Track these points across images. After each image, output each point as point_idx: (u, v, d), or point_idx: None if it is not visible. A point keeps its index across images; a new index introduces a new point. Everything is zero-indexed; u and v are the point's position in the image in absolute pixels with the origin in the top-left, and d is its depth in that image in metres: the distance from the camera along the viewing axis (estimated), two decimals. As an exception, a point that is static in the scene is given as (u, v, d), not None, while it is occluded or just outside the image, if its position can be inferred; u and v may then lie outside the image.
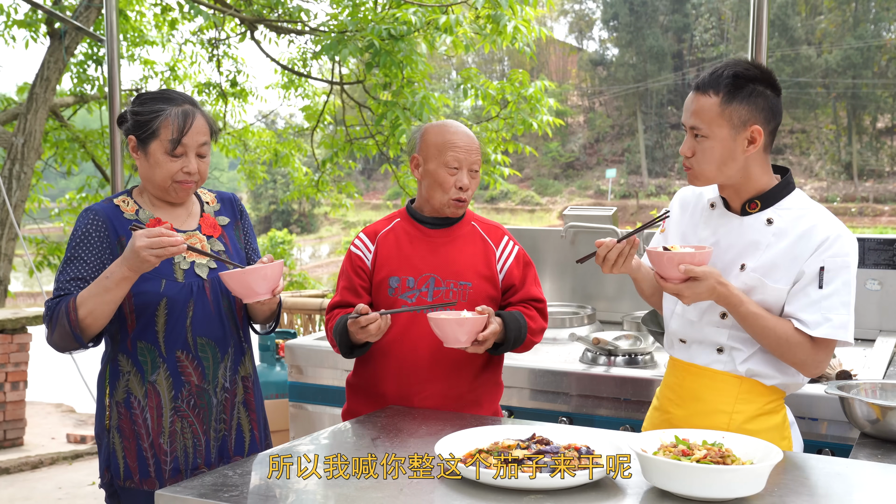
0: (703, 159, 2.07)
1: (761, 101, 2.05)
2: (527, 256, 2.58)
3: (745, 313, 2.04)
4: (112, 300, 2.10)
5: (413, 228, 2.53)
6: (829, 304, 2.02)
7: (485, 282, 2.49)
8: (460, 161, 2.42)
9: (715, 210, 2.20)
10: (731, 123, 2.04)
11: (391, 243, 2.51)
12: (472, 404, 2.49)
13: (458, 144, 2.43)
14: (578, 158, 38.31)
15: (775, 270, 2.06)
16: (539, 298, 2.54)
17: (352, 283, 2.50)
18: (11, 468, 5.55)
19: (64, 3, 8.19)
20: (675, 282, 2.01)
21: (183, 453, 2.25)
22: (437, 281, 2.46)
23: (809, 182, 32.57)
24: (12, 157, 7.51)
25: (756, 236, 2.10)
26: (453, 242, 2.51)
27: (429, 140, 2.47)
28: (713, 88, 2.04)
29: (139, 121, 2.22)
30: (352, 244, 2.56)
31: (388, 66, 6.97)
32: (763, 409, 2.14)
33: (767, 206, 2.11)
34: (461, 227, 2.54)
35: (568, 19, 42.73)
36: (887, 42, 31.81)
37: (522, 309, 2.48)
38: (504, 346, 2.42)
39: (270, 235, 19.68)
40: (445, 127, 2.48)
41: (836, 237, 2.04)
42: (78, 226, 2.24)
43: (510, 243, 2.56)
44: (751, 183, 2.11)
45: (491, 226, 2.59)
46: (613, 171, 33.58)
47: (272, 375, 4.53)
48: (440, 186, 2.44)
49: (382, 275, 2.48)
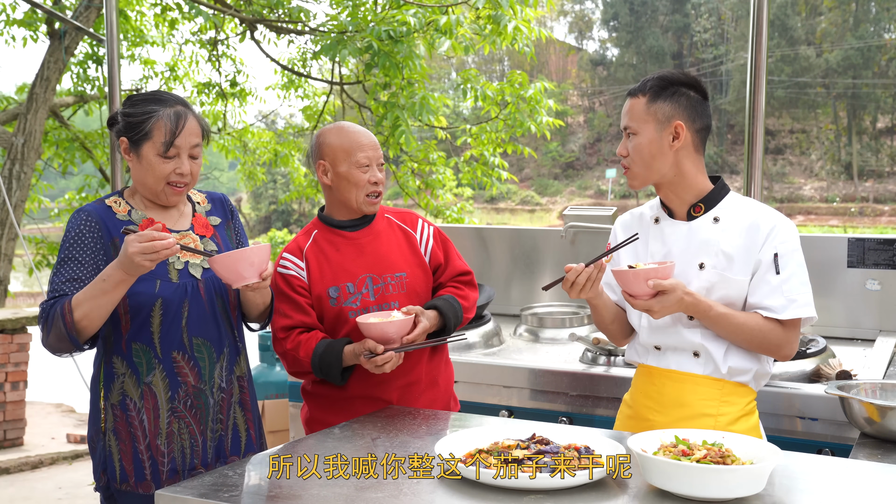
0: (635, 156, 2.24)
1: (684, 100, 2.22)
2: (442, 234, 2.68)
3: (715, 316, 2.15)
4: (109, 302, 2.09)
5: (334, 236, 2.57)
6: (790, 286, 2.16)
7: (416, 268, 2.58)
8: (370, 158, 2.50)
9: (660, 223, 2.32)
10: (655, 119, 2.21)
11: (319, 255, 2.54)
12: (430, 387, 2.59)
13: (364, 143, 2.51)
14: (578, 158, 38.30)
15: (733, 263, 2.18)
16: (465, 271, 2.66)
17: (297, 302, 2.50)
18: (11, 468, 5.55)
19: (64, 3, 8.18)
20: (644, 298, 2.12)
21: (180, 454, 2.24)
22: (374, 279, 2.53)
23: (809, 182, 32.55)
24: (12, 157, 7.51)
25: (707, 236, 2.22)
26: (377, 239, 2.57)
27: (333, 144, 2.52)
28: (640, 91, 2.24)
29: (131, 122, 2.21)
30: (279, 266, 2.53)
31: (388, 67, 6.97)
32: (744, 409, 2.23)
33: (711, 208, 2.24)
34: (378, 223, 2.61)
35: (568, 19, 42.73)
36: (887, 42, 31.80)
37: (453, 289, 2.59)
38: (446, 332, 2.52)
39: (270, 235, 19.70)
40: (344, 129, 2.54)
41: (781, 225, 2.19)
42: (70, 227, 2.23)
43: (425, 225, 2.66)
44: (687, 181, 2.24)
45: (403, 214, 2.68)
46: (613, 171, 33.56)
47: (272, 375, 4.53)
48: (355, 186, 2.50)
49: (320, 288, 2.51)
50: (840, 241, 3.56)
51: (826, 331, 3.44)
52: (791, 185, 32.64)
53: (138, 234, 2.03)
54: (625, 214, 2.49)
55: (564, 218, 4.15)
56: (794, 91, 33.06)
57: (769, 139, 32.22)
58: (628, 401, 2.39)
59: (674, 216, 2.29)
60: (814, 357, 2.85)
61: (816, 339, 3.01)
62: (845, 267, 3.53)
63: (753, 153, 3.12)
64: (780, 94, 33.12)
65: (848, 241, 3.54)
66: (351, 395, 2.53)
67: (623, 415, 2.40)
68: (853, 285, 3.53)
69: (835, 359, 2.86)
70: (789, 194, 32.10)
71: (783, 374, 2.77)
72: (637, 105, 2.23)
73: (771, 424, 2.64)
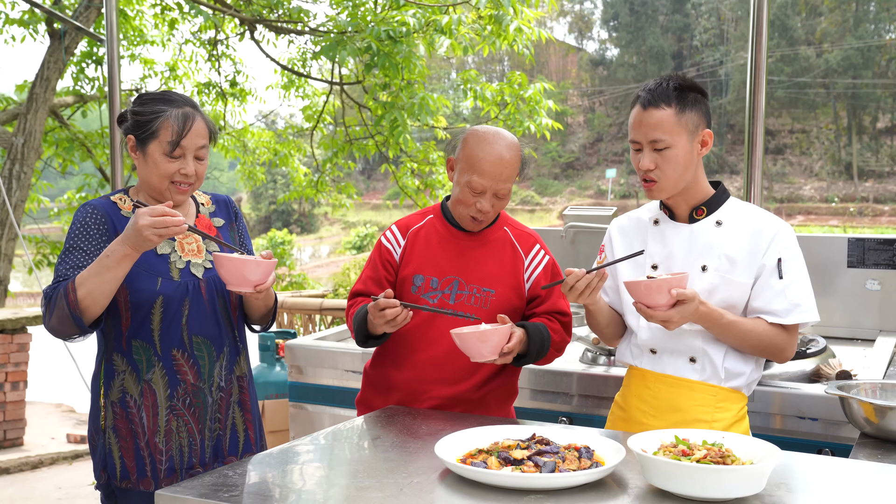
0: (668, 168, 2.18)
1: (702, 106, 2.22)
2: (556, 267, 2.53)
3: (725, 324, 2.16)
4: (112, 279, 2.08)
5: (444, 228, 2.51)
6: (793, 291, 2.18)
7: (510, 290, 2.45)
8: (484, 186, 2.35)
9: (660, 225, 2.31)
10: (687, 130, 2.18)
11: (421, 241, 2.50)
12: (479, 408, 2.47)
13: (486, 170, 2.33)
14: (578, 158, 38.31)
15: (735, 266, 2.19)
16: (565, 312, 2.49)
17: (377, 274, 2.50)
18: (11, 468, 5.55)
19: (64, 2, 8.18)
20: (663, 308, 2.08)
21: (178, 452, 2.25)
22: (461, 284, 2.44)
23: (809, 182, 32.55)
24: (12, 157, 7.51)
25: (709, 238, 2.22)
26: (482, 247, 2.48)
27: (466, 149, 2.38)
28: (664, 101, 2.17)
29: (139, 121, 2.22)
30: (383, 235, 2.55)
31: (387, 67, 6.97)
32: (737, 415, 2.24)
33: (713, 211, 2.25)
34: (492, 233, 2.50)
35: (568, 19, 42.73)
36: (887, 42, 31.82)
37: (546, 321, 2.44)
38: (526, 359, 2.39)
39: (270, 235, 19.69)
40: (484, 141, 2.36)
41: (783, 230, 2.21)
42: (77, 218, 2.24)
43: (541, 252, 2.52)
44: (697, 185, 2.25)
45: (524, 233, 2.54)
46: (613, 171, 33.58)
47: (272, 375, 4.53)
48: (462, 203, 2.41)
49: (408, 271, 2.47)
50: (840, 241, 3.56)
51: (826, 331, 3.44)
52: (791, 185, 32.65)
53: (150, 207, 2.03)
54: (620, 218, 2.47)
55: (564, 218, 4.15)
56: (794, 91, 33.08)
57: (769, 139, 32.23)
58: (620, 402, 2.38)
59: (675, 218, 2.29)
60: (814, 357, 2.85)
61: (816, 339, 3.00)
62: (845, 267, 3.54)
63: (753, 153, 3.12)
64: (780, 94, 33.14)
65: (848, 241, 3.54)
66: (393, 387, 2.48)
67: (615, 416, 2.39)
68: (853, 285, 3.53)
69: (835, 359, 2.86)
70: (789, 194, 32.10)
71: (783, 374, 2.77)
72: (667, 117, 2.16)
73: (771, 424, 2.64)
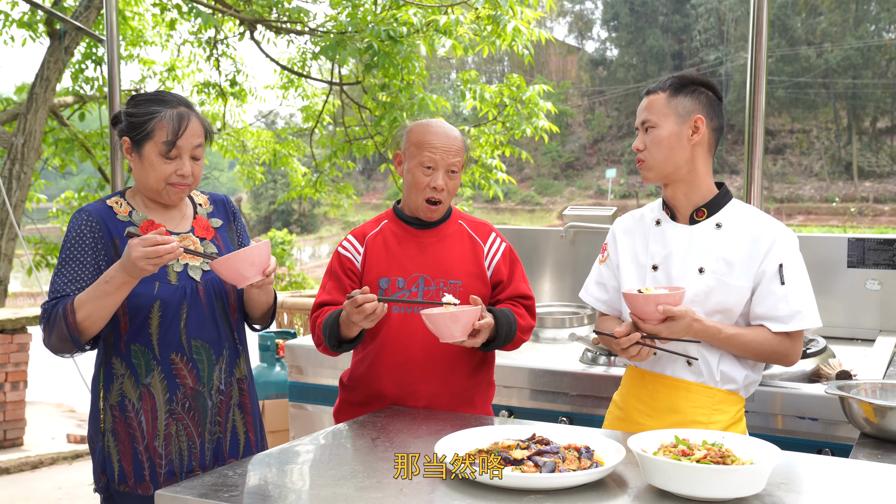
0: (653, 148, 2.25)
1: (703, 97, 2.26)
2: (514, 253, 2.58)
3: (725, 338, 2.17)
4: (111, 304, 2.10)
5: (400, 229, 2.53)
6: (795, 296, 2.19)
7: (475, 279, 2.49)
8: (436, 162, 2.40)
9: (661, 225, 2.32)
10: (676, 112, 2.24)
11: (380, 245, 2.51)
12: (465, 403, 2.50)
13: (435, 144, 2.41)
14: (578, 158, 38.29)
15: (733, 270, 2.20)
16: (527, 295, 2.54)
17: (341, 283, 2.50)
18: (11, 468, 5.55)
19: (64, 3, 8.18)
20: (653, 322, 2.11)
21: (178, 456, 2.24)
22: (427, 280, 2.46)
23: (809, 182, 32.54)
24: (12, 157, 7.51)
25: (708, 241, 2.23)
26: (441, 242, 2.51)
27: (412, 136, 2.46)
28: (661, 88, 2.29)
29: (133, 122, 2.21)
30: (340, 246, 2.55)
31: (387, 67, 6.97)
32: (734, 417, 2.24)
33: (713, 213, 2.26)
34: (448, 227, 2.54)
35: (567, 19, 42.72)
36: (887, 42, 31.80)
37: (511, 306, 2.49)
38: (495, 343, 2.41)
39: (270, 235, 19.68)
40: (427, 126, 2.46)
41: (784, 235, 2.22)
42: (72, 227, 2.23)
43: (497, 240, 2.56)
44: (697, 180, 2.25)
45: (478, 223, 2.59)
46: (613, 171, 33.56)
47: (272, 375, 4.53)
48: (415, 187, 2.43)
49: (372, 276, 2.48)
50: (840, 241, 3.56)
51: (826, 331, 3.43)
52: (791, 185, 32.63)
53: (141, 238, 2.02)
54: (624, 216, 2.49)
55: (564, 218, 4.15)
56: (794, 91, 33.06)
57: (769, 139, 32.21)
58: (618, 402, 2.39)
59: (676, 219, 2.30)
60: (814, 357, 2.85)
61: (816, 339, 3.00)
62: (845, 267, 3.53)
63: (753, 153, 3.11)
64: (780, 94, 33.12)
65: (848, 241, 3.54)
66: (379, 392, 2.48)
67: (613, 416, 2.40)
68: (853, 285, 3.53)
69: (835, 359, 2.85)
70: (789, 194, 32.09)
71: (783, 374, 2.77)
72: (657, 100, 2.26)
73: (771, 424, 2.64)
